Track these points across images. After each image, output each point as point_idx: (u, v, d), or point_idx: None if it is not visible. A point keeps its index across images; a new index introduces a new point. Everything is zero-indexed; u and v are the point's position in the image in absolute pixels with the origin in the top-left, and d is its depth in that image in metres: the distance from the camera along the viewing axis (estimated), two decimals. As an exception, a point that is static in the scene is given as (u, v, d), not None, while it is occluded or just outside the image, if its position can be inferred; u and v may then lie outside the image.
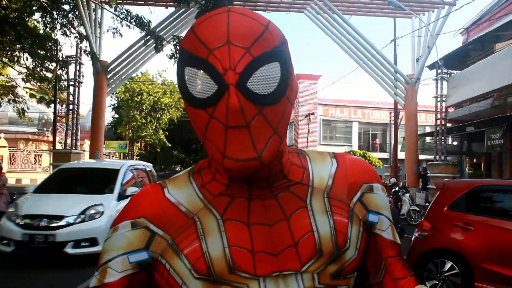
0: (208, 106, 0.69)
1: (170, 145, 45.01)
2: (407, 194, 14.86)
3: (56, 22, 12.69)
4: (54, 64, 14.23)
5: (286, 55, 0.73)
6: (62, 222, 6.55)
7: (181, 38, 12.53)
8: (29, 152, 27.39)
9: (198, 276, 0.73)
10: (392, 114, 23.53)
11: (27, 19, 13.08)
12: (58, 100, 17.20)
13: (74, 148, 15.25)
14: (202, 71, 0.68)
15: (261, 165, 0.70)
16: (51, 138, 21.97)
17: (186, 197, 0.82)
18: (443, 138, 16.51)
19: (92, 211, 6.84)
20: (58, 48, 14.32)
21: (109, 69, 16.96)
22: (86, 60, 16.13)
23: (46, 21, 12.47)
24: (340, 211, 0.82)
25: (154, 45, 12.52)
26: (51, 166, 16.04)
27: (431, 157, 18.15)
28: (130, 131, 40.79)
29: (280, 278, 0.75)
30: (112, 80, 17.52)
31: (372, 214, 0.87)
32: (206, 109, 0.69)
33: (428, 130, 29.68)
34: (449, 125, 17.64)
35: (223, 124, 0.68)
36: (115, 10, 12.20)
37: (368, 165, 0.93)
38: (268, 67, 0.69)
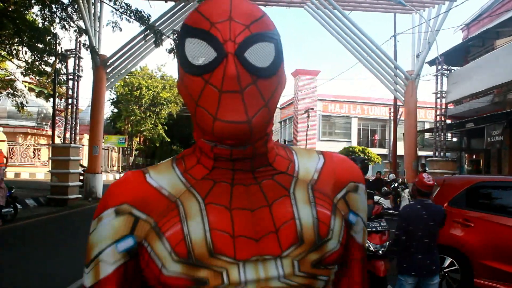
0: (205, 72, 0.72)
1: (169, 140, 44.96)
2: (406, 190, 14.86)
3: (55, 15, 12.58)
4: (53, 58, 14.15)
5: (280, 42, 0.78)
6: None
7: (181, 32, 12.50)
8: (28, 146, 27.33)
9: (177, 259, 0.73)
10: (392, 110, 23.55)
11: (25, 12, 13.00)
12: (57, 94, 17.14)
13: (73, 142, 15.22)
14: (203, 41, 0.72)
15: (250, 131, 0.72)
16: (50, 132, 21.88)
17: (169, 182, 0.82)
18: (442, 134, 16.50)
19: None
20: (57, 42, 14.24)
21: (108, 63, 16.90)
22: (85, 54, 16.07)
23: (45, 15, 12.37)
24: (323, 203, 0.82)
25: (154, 39, 12.47)
26: (50, 161, 16.02)
27: (431, 153, 18.15)
28: (129, 125, 40.71)
29: (260, 263, 0.75)
30: (111, 75, 17.45)
31: (352, 214, 0.88)
32: (203, 75, 0.72)
33: (427, 126, 29.68)
34: (448, 121, 17.64)
35: (218, 89, 0.71)
36: (115, 4, 12.10)
37: (355, 165, 0.94)
38: (265, 44, 0.74)
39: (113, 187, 0.82)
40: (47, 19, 12.56)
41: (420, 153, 21.05)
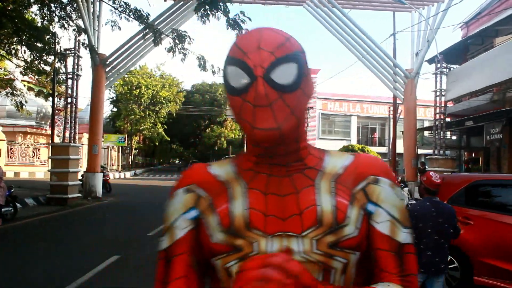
0: (242, 93, 0.91)
1: (168, 138, 45.00)
2: (406, 189, 14.91)
3: (54, 14, 12.59)
4: (52, 57, 14.16)
5: (302, 59, 0.94)
6: None
7: (180, 31, 12.50)
8: (28, 145, 27.34)
9: (222, 229, 0.94)
10: (391, 108, 23.56)
11: (24, 11, 12.99)
12: (57, 93, 17.14)
13: (72, 141, 15.23)
14: (238, 68, 0.91)
15: (280, 135, 0.89)
16: (49, 132, 21.90)
17: (224, 171, 1.05)
18: (442, 132, 16.51)
19: None
20: (56, 41, 14.23)
21: (107, 62, 16.87)
22: (84, 53, 16.06)
23: (44, 14, 12.37)
24: (343, 194, 0.96)
25: (153, 38, 12.46)
26: (50, 160, 16.02)
27: (430, 151, 18.16)
28: (128, 124, 40.70)
29: (285, 238, 0.92)
30: (110, 74, 17.43)
31: (371, 205, 0.97)
32: (241, 95, 0.91)
33: (427, 124, 29.68)
34: (448, 119, 17.64)
35: (252, 105, 0.89)
36: (114, 2, 12.09)
37: (381, 162, 1.03)
38: (287, 65, 0.90)
39: (183, 174, 1.08)
40: (46, 18, 12.56)
41: (420, 151, 21.07)
